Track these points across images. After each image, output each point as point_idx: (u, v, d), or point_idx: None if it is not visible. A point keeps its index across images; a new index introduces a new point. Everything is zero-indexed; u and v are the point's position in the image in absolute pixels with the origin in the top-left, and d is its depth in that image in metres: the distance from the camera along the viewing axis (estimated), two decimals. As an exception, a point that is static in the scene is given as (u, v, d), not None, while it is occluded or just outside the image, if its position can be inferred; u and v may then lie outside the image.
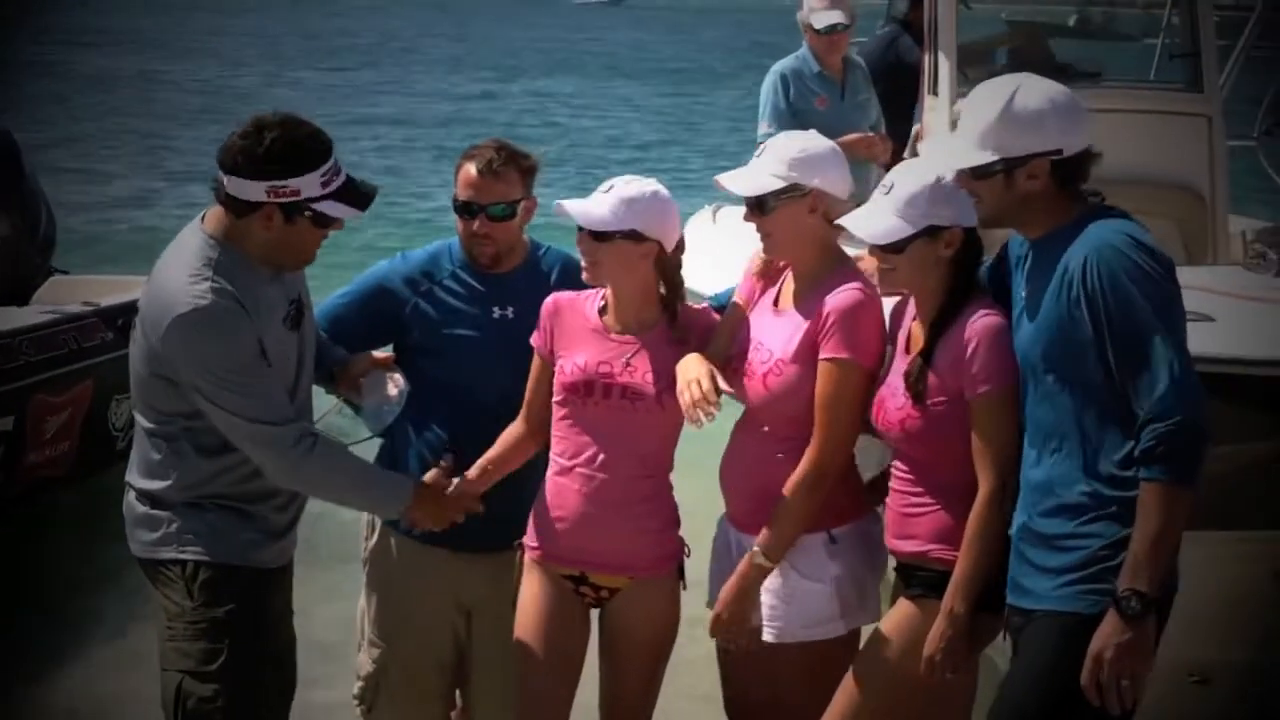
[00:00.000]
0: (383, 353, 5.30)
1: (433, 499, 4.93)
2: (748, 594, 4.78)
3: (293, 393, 4.77)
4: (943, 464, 4.58)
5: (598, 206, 4.85)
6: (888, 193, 4.55)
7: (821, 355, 4.68)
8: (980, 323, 4.48)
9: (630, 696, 5.08)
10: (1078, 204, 4.34)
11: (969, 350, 4.46)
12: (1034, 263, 4.36)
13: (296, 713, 4.99)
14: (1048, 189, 4.30)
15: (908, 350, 4.65)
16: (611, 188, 4.89)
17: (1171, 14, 9.17)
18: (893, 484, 4.72)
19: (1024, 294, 4.37)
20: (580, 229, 4.88)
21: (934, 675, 4.50)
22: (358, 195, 4.69)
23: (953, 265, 4.55)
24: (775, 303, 4.92)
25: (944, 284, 4.55)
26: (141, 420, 4.75)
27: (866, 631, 4.85)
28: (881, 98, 9.33)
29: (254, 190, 4.54)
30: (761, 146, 4.92)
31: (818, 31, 8.99)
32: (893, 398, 4.61)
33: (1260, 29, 9.27)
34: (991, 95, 4.34)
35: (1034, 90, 4.31)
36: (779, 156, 4.80)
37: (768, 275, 4.98)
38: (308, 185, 4.56)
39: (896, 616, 4.68)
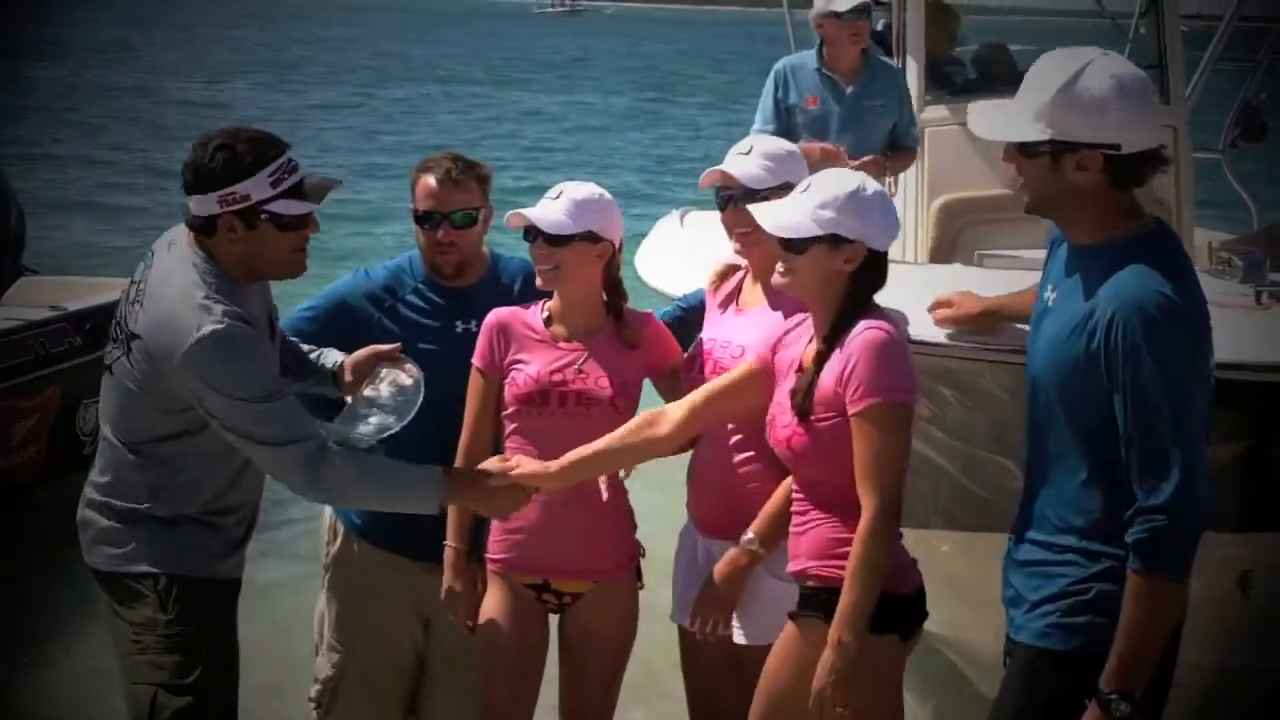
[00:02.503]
0: (387, 345, 5.18)
1: (470, 484, 4.77)
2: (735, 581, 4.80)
3: None
4: (830, 482, 4.44)
5: (554, 211, 4.89)
6: (804, 191, 4.46)
7: None
8: (862, 337, 4.36)
9: (592, 699, 5.11)
10: (1131, 219, 4.02)
11: (849, 365, 4.34)
12: (1069, 270, 4.08)
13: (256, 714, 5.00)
14: (1099, 187, 3.95)
15: (800, 370, 4.54)
16: (561, 192, 4.93)
17: (1139, 25, 9.21)
18: (792, 508, 4.62)
19: (1049, 297, 4.16)
20: (535, 236, 4.90)
21: (826, 711, 4.33)
22: (313, 190, 4.64)
23: (851, 283, 4.42)
24: (735, 303, 4.97)
25: (840, 301, 4.42)
26: (118, 439, 4.70)
27: None
28: None
29: (209, 204, 4.54)
30: (748, 143, 4.96)
31: (839, 16, 8.34)
32: (781, 415, 4.52)
33: (1226, 42, 9.32)
34: (1056, 67, 3.97)
35: (1104, 71, 3.93)
36: (771, 155, 4.89)
37: (720, 286, 5.06)
38: (256, 188, 4.52)
39: (780, 640, 4.60)
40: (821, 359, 4.42)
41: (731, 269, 5.06)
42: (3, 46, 48.08)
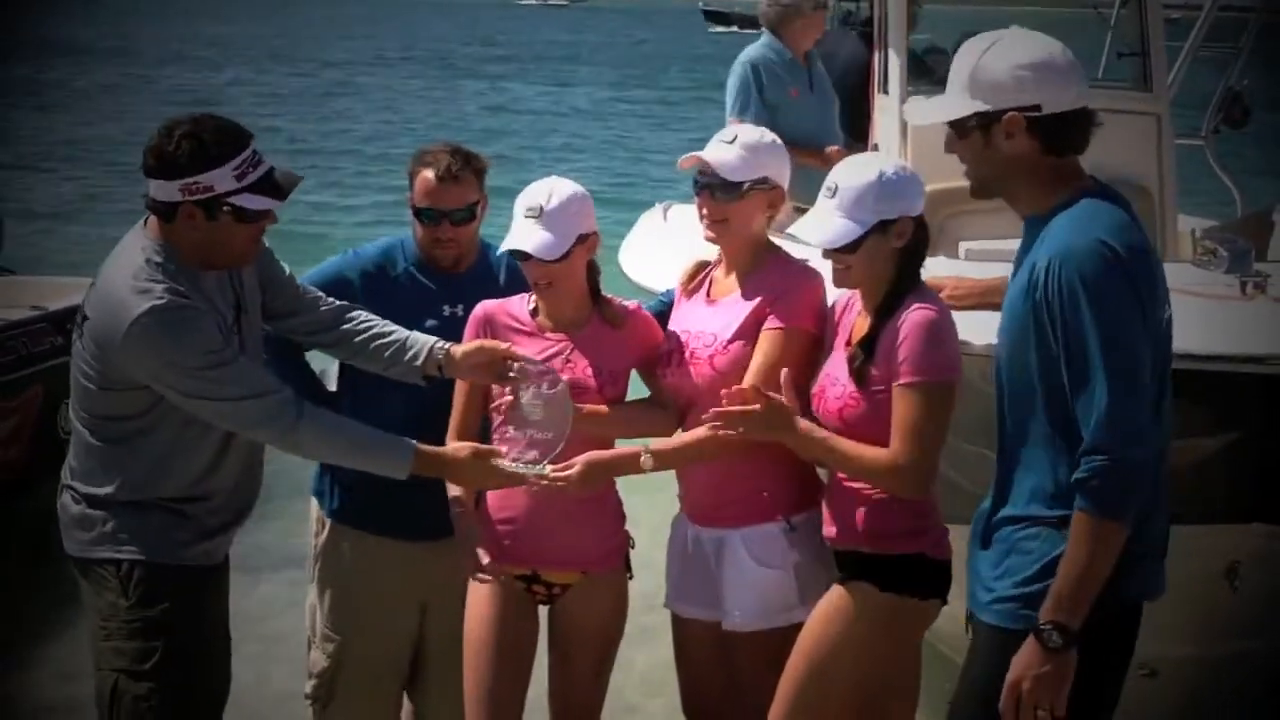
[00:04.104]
0: (492, 341, 5.04)
1: (437, 462, 4.79)
2: None
3: None
4: None
5: (541, 233, 4.84)
6: (833, 196, 4.54)
7: (765, 327, 4.76)
8: (914, 315, 4.48)
9: (582, 690, 5.13)
10: (1069, 183, 4.08)
11: (899, 341, 4.47)
12: (1024, 243, 4.15)
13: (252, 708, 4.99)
14: (1032, 155, 4.06)
15: (849, 343, 4.66)
16: (540, 209, 4.87)
17: (1120, 13, 9.20)
18: (829, 475, 4.74)
19: (1013, 276, 4.21)
20: (526, 257, 4.86)
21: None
22: (277, 187, 4.64)
23: (902, 254, 4.56)
24: (708, 295, 5.00)
25: (892, 273, 4.56)
26: (83, 425, 4.71)
27: None
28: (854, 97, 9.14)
29: (170, 191, 4.54)
30: (732, 134, 4.96)
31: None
32: (832, 387, 4.63)
33: (1208, 30, 9.32)
34: (971, 48, 4.13)
35: (1016, 43, 4.09)
36: (751, 146, 4.89)
37: (690, 282, 5.08)
38: (221, 180, 4.52)
39: (827, 603, 4.69)
40: (875, 332, 4.53)
41: (701, 265, 5.09)
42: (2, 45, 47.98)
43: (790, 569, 4.84)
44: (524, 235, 4.85)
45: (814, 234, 4.56)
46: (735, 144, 4.88)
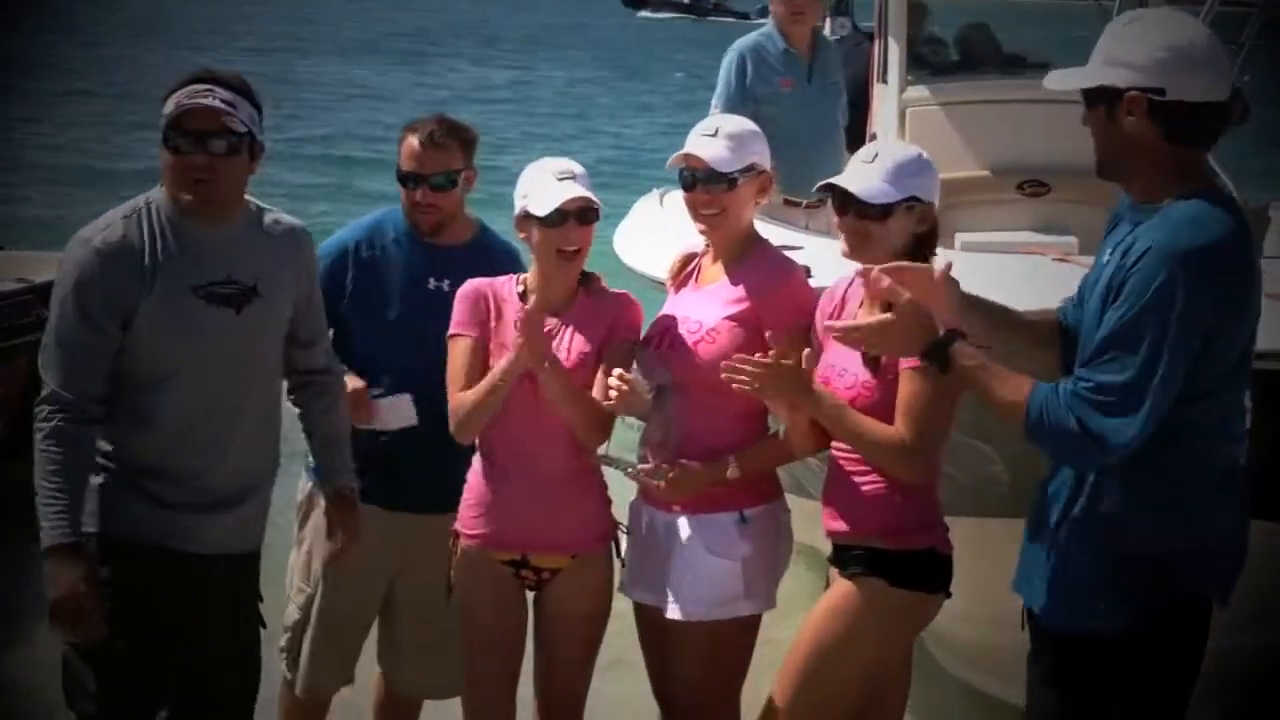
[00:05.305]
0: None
1: (68, 565, 4.52)
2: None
3: (191, 380, 4.59)
4: None
5: (585, 190, 4.88)
6: (873, 161, 4.57)
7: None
8: None
9: (568, 674, 5.14)
10: (1188, 178, 3.94)
11: None
12: (1127, 228, 4.01)
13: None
14: (1152, 139, 3.91)
15: None
16: (573, 174, 4.92)
17: (1122, 7, 9.17)
18: (833, 468, 4.74)
19: (1103, 260, 4.07)
20: (564, 219, 4.85)
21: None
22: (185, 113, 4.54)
23: (916, 241, 4.58)
24: (695, 281, 5.03)
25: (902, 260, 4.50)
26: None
27: (768, 618, 4.98)
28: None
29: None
30: (713, 126, 4.97)
31: None
32: (840, 377, 4.64)
33: (1210, 24, 9.30)
34: (1119, 20, 4.07)
35: (1160, 23, 3.99)
36: (735, 136, 4.91)
37: (679, 274, 5.12)
38: (168, 105, 4.53)
39: (834, 597, 4.69)
40: None
41: (689, 258, 5.12)
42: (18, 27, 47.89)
43: (738, 560, 4.85)
44: (582, 191, 4.86)
45: (853, 184, 4.56)
46: (719, 136, 4.90)
